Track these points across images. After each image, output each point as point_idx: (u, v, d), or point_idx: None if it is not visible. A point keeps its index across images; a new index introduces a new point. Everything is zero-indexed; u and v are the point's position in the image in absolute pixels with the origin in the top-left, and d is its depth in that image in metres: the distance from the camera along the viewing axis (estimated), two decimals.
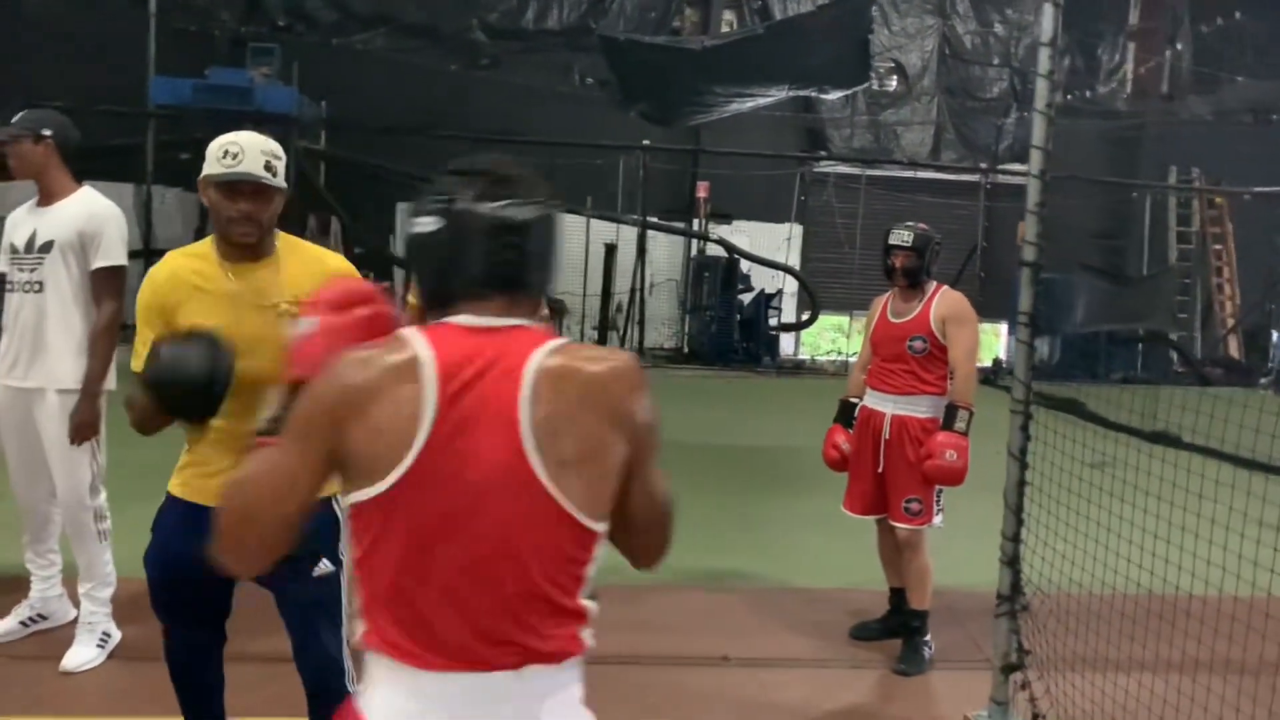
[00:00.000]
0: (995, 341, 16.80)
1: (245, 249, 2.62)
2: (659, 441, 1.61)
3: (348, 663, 2.67)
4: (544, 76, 15.54)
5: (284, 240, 2.72)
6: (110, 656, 3.84)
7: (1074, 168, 15.67)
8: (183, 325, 2.56)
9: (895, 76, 17.98)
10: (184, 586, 2.63)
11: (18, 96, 12.19)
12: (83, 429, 3.69)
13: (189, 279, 2.63)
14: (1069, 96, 16.61)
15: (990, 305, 13.26)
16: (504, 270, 1.55)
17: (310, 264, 2.68)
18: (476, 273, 1.54)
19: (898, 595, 4.42)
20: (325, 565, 2.63)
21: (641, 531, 1.63)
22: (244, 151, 2.56)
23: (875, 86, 17.67)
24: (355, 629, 1.54)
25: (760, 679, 4.05)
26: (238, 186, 2.55)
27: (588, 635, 1.54)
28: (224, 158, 2.55)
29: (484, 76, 15.63)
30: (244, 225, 2.58)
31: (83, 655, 3.77)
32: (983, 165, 17.10)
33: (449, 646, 1.46)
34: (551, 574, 1.49)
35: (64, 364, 3.71)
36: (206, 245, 2.70)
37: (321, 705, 2.64)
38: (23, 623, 4.00)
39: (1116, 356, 16.14)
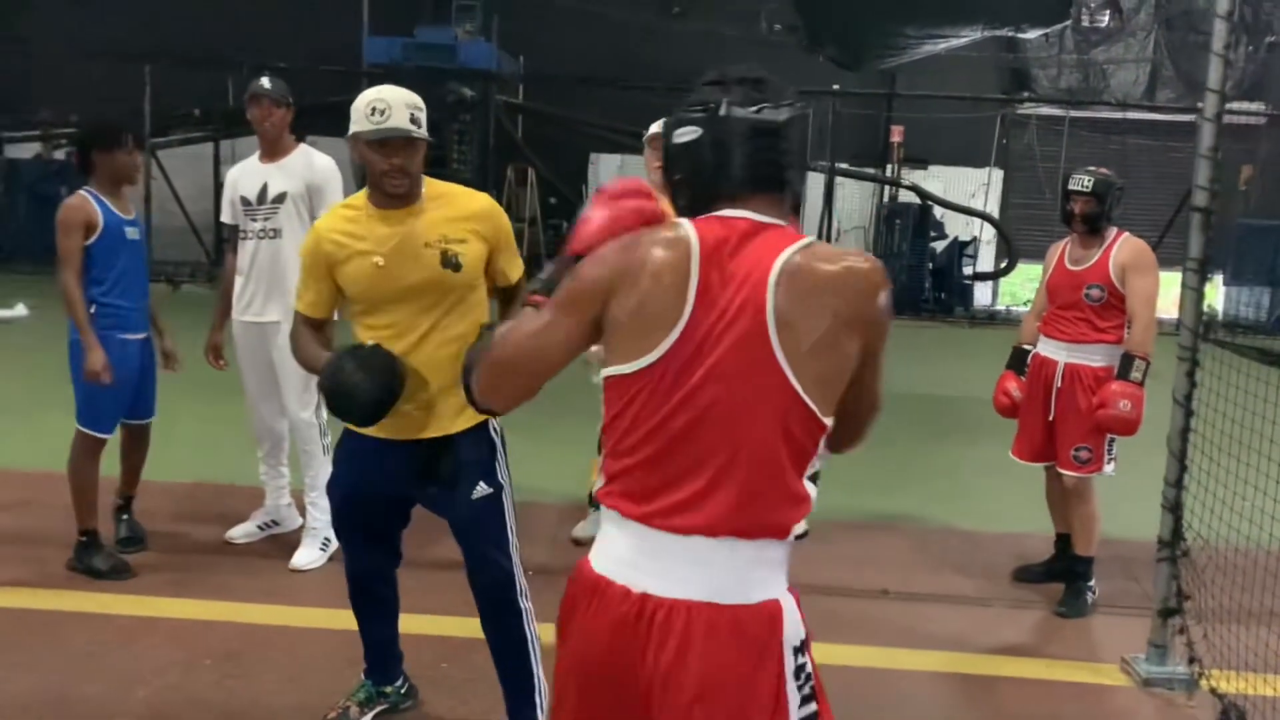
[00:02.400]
0: (1213, 293, 15.80)
1: (398, 198, 2.75)
2: (886, 343, 1.68)
3: (518, 576, 2.87)
4: (733, 23, 15.56)
5: (430, 185, 2.84)
6: (330, 559, 4.37)
7: None
8: (350, 285, 2.78)
9: (1108, 10, 16.96)
10: (362, 509, 2.92)
11: (248, 58, 13.33)
12: None
13: (348, 229, 2.79)
14: None
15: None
16: (764, 170, 1.68)
17: (456, 205, 2.82)
18: (738, 174, 1.67)
19: (1063, 541, 4.44)
20: (483, 488, 2.83)
21: (849, 419, 1.71)
22: (391, 108, 2.67)
23: (1086, 22, 16.76)
24: (596, 486, 1.72)
25: (919, 612, 4.19)
26: (389, 142, 2.67)
27: (804, 519, 1.66)
28: (372, 115, 2.66)
29: (674, 26, 15.80)
30: (397, 177, 2.71)
31: (308, 556, 4.32)
32: (1200, 105, 15.96)
33: (673, 510, 1.59)
34: (782, 455, 1.60)
35: None
36: (361, 198, 2.84)
37: (491, 618, 2.90)
38: (259, 526, 4.61)
39: None
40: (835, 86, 14.84)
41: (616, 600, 1.61)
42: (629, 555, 1.63)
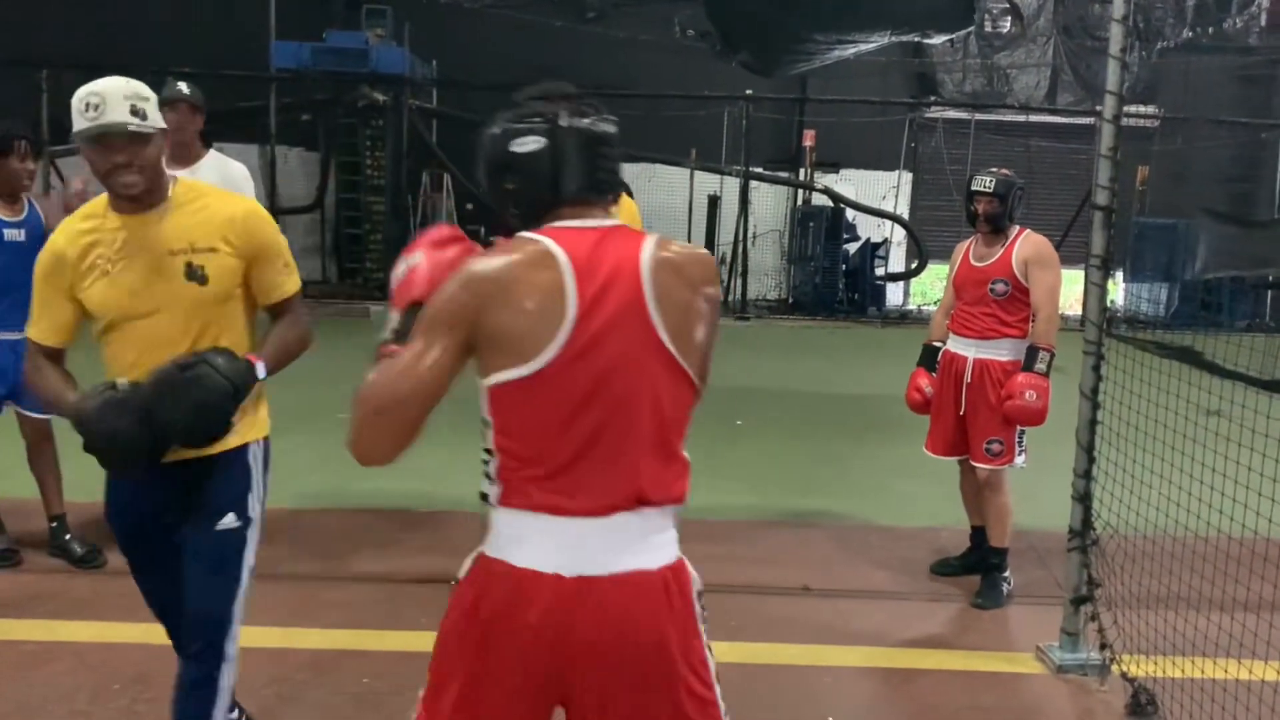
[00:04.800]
0: (1113, 289, 16.35)
1: (135, 200, 2.43)
2: None
3: (235, 624, 2.57)
4: (646, 29, 15.63)
5: (185, 187, 2.53)
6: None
7: (1199, 108, 15.09)
8: (93, 302, 2.44)
9: (1009, 17, 17.45)
10: (144, 542, 2.63)
11: (148, 64, 12.96)
12: None
13: (86, 240, 2.46)
14: (1193, 32, 15.91)
15: None
16: (603, 177, 1.81)
17: (209, 210, 2.50)
18: (582, 182, 1.78)
19: (978, 534, 4.55)
20: (231, 520, 2.54)
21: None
22: (105, 101, 2.34)
23: (988, 28, 17.22)
24: (491, 492, 1.77)
25: (839, 608, 4.25)
26: (106, 138, 2.36)
27: (687, 484, 1.81)
28: (86, 111, 2.34)
29: (588, 31, 15.81)
30: (125, 175, 2.38)
31: None
32: (1099, 107, 16.53)
33: (586, 497, 1.71)
34: (671, 427, 1.76)
35: None
36: (101, 203, 2.50)
37: (195, 656, 2.56)
38: None
39: (1241, 303, 15.56)
40: (749, 91, 14.99)
41: (551, 590, 1.70)
42: (544, 543, 1.71)
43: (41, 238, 4.16)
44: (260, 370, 2.48)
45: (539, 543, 1.72)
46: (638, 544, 1.74)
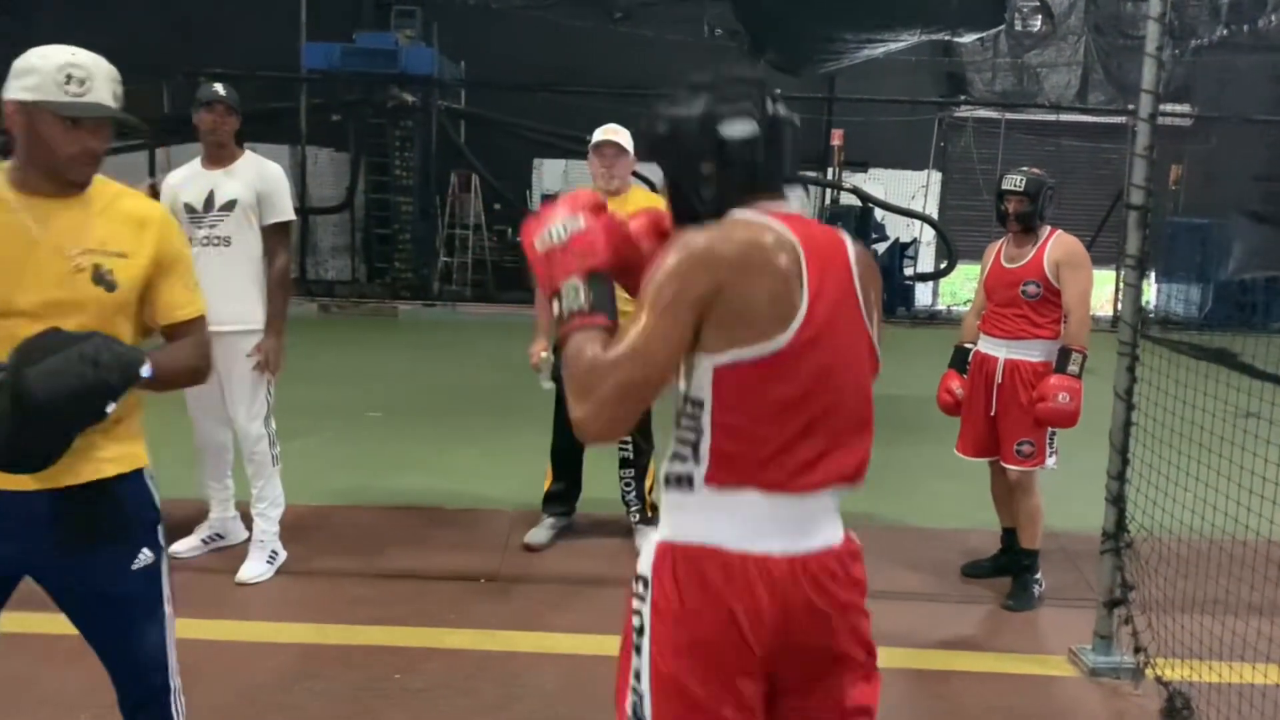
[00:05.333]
0: (1146, 290, 16.18)
1: (65, 186, 2.08)
2: None
3: (171, 657, 2.33)
4: (674, 29, 15.62)
5: (98, 181, 2.16)
6: (277, 572, 4.31)
7: (1233, 106, 14.91)
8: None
9: (1040, 16, 17.32)
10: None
11: (182, 65, 13.10)
12: (273, 359, 4.20)
13: None
14: (1227, 30, 15.71)
15: None
16: (795, 166, 1.81)
17: (122, 209, 2.15)
18: (783, 169, 1.80)
19: (1009, 535, 4.52)
20: (146, 555, 2.21)
21: None
22: (92, 78, 2.02)
23: (1019, 27, 17.10)
24: (695, 472, 1.71)
25: (871, 608, 4.22)
26: (85, 120, 2.02)
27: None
28: (68, 84, 1.99)
29: (616, 31, 15.82)
30: (87, 164, 2.07)
31: (254, 569, 4.25)
32: (1131, 106, 16.38)
33: (806, 475, 1.73)
34: (869, 407, 1.84)
35: (251, 308, 4.18)
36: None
37: (143, 706, 2.34)
38: (203, 540, 4.51)
39: (1277, 304, 15.36)
40: (777, 90, 14.90)
41: (769, 573, 1.71)
42: (760, 525, 1.71)
43: None
44: (147, 369, 2.01)
45: (757, 522, 1.71)
46: (832, 518, 1.80)
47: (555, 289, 1.73)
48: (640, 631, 1.76)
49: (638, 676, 1.75)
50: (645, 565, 1.78)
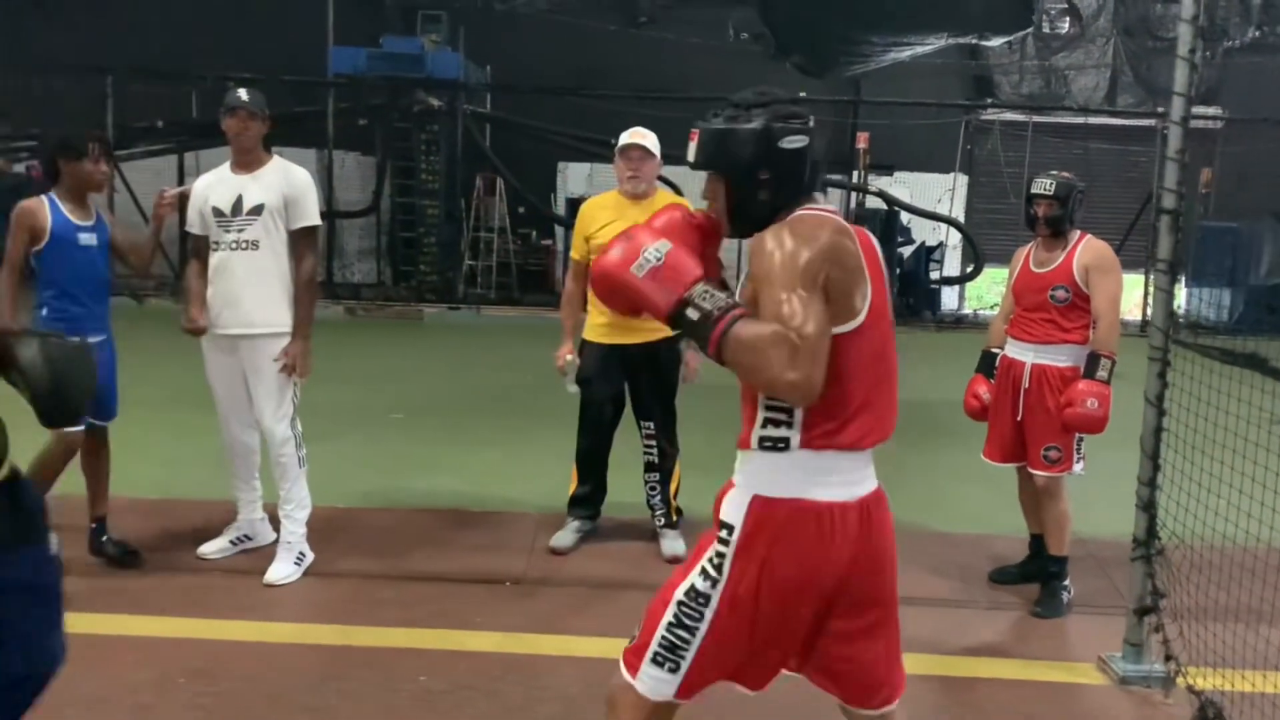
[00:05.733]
0: (1177, 294, 15.99)
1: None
2: None
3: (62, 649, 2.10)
4: (699, 32, 15.62)
5: None
6: (305, 573, 4.33)
7: (1264, 109, 14.73)
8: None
9: (1068, 18, 17.20)
10: None
11: (211, 71, 13.22)
12: (300, 364, 4.22)
13: None
14: (1259, 31, 15.54)
15: None
16: (829, 172, 2.33)
17: None
18: (822, 176, 2.18)
19: (1037, 541, 4.48)
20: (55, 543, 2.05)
21: None
22: None
23: (1046, 29, 16.98)
24: (792, 437, 2.06)
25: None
26: None
27: None
28: None
29: (640, 35, 15.84)
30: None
31: (282, 571, 4.27)
32: (1161, 109, 16.24)
33: (872, 434, 2.11)
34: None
35: (278, 311, 4.21)
36: None
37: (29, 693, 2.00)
38: (232, 541, 4.55)
39: None
40: (802, 94, 14.90)
41: (845, 517, 2.09)
42: (837, 478, 2.09)
43: (108, 245, 4.27)
44: None
45: (840, 476, 2.09)
46: (873, 468, 2.18)
47: (679, 299, 2.00)
48: (719, 567, 2.10)
49: (702, 599, 2.10)
50: (735, 514, 2.11)
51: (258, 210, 4.17)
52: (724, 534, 2.11)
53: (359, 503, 5.36)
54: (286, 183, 4.21)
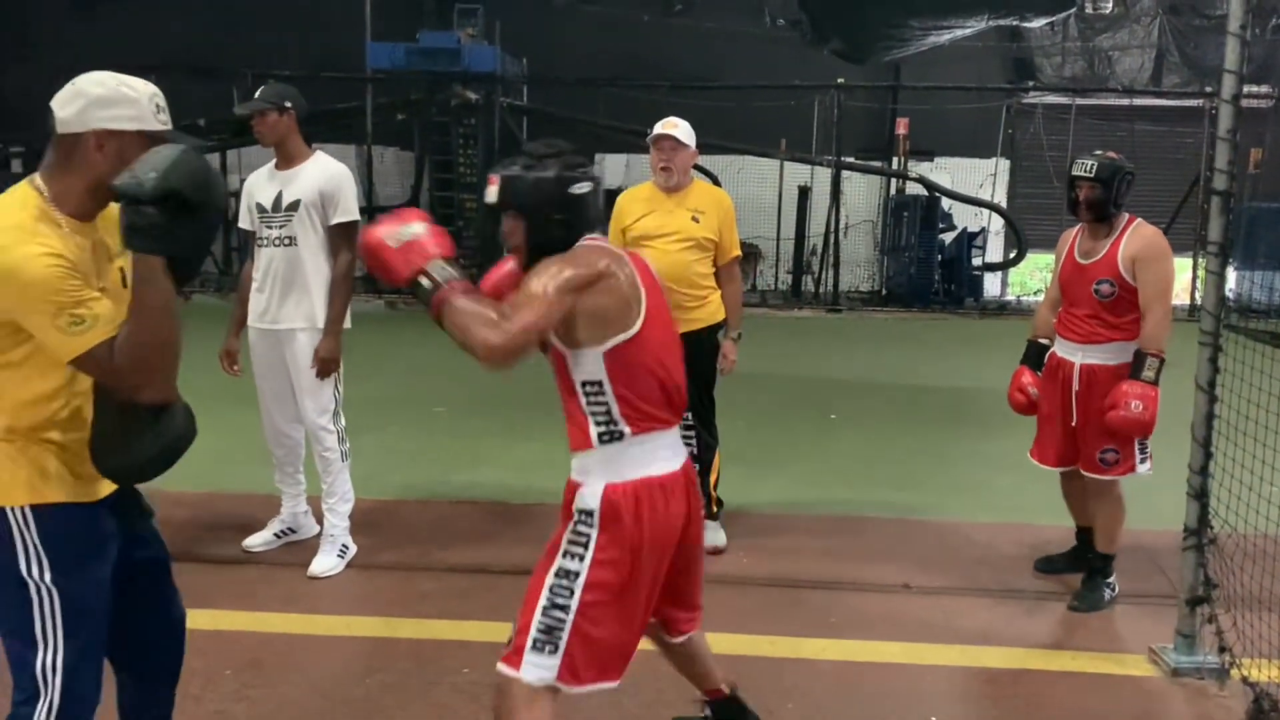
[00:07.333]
0: (1228, 278, 15.68)
1: (101, 204, 2.11)
2: None
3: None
4: (735, 20, 15.52)
5: None
6: (348, 566, 4.37)
7: None
8: None
9: None
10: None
11: (250, 68, 13.34)
12: (328, 363, 4.23)
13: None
14: None
15: None
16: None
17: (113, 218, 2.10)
18: (601, 212, 2.60)
19: (1084, 532, 4.39)
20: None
21: None
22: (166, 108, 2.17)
23: (1089, 10, 16.68)
24: (624, 430, 2.45)
25: (942, 605, 4.16)
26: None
27: None
28: (159, 113, 2.12)
29: (676, 24, 15.76)
30: None
31: (326, 563, 4.31)
32: (1209, 89, 15.89)
33: (671, 412, 2.53)
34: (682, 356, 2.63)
35: (316, 306, 4.23)
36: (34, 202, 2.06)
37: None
38: (276, 534, 4.60)
39: None
40: (840, 80, 14.78)
41: (678, 484, 2.53)
42: (665, 453, 2.52)
43: None
44: None
45: (667, 451, 2.52)
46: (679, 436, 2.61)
47: (418, 269, 2.35)
48: (585, 545, 2.44)
49: (572, 576, 2.43)
50: (592, 501, 2.46)
51: (295, 206, 4.20)
52: (584, 519, 2.47)
53: (402, 495, 5.39)
54: (324, 178, 4.23)
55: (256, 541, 4.55)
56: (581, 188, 2.49)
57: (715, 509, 4.76)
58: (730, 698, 3.00)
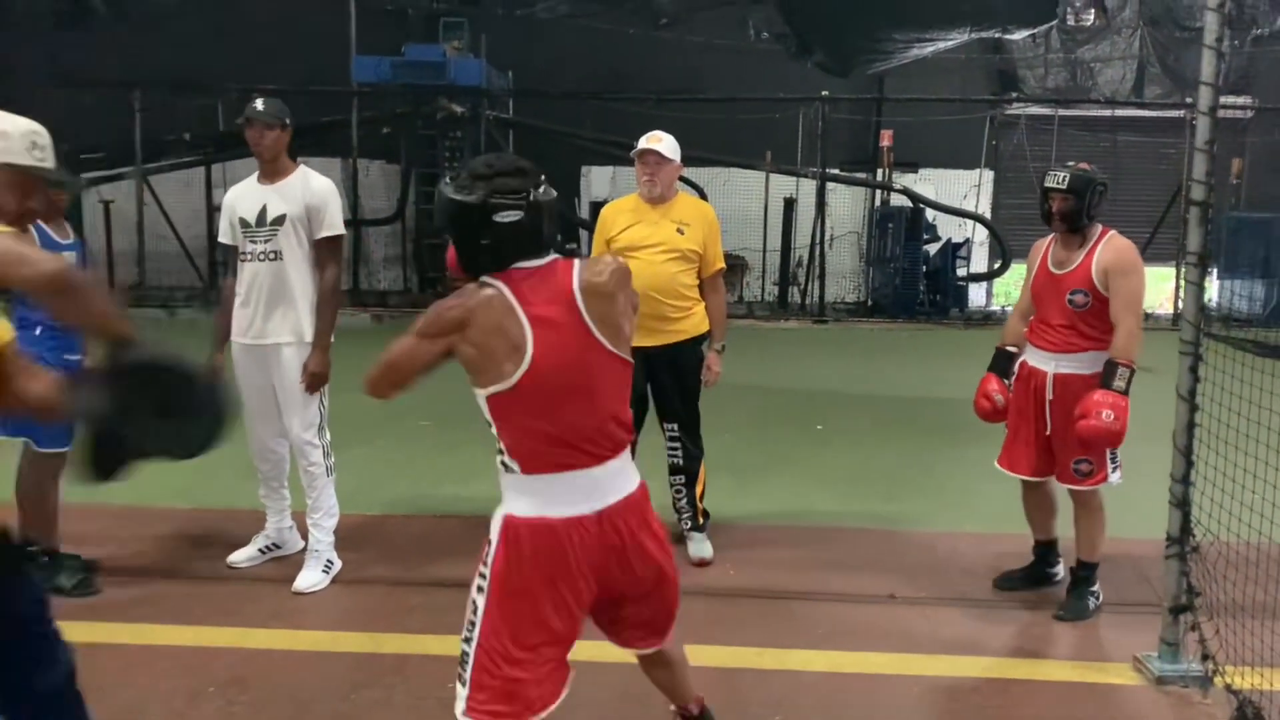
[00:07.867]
0: (1208, 287, 15.78)
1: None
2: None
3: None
4: (720, 33, 15.59)
5: None
6: (333, 581, 4.35)
7: None
8: None
9: (1092, 9, 17.02)
10: None
11: (235, 82, 13.32)
12: (317, 377, 4.21)
13: None
14: None
15: None
16: (554, 235, 2.47)
17: None
18: (544, 239, 2.43)
19: (1042, 546, 4.41)
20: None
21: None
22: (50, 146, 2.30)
23: (1070, 22, 16.82)
24: (508, 465, 2.41)
25: (929, 616, 4.17)
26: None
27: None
28: (34, 149, 2.31)
29: (662, 37, 15.82)
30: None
31: (310, 579, 4.29)
32: (1189, 100, 16.03)
33: (576, 456, 2.39)
34: (617, 396, 2.48)
35: (302, 321, 4.22)
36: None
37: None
38: (261, 550, 4.58)
39: None
40: (824, 92, 14.85)
41: (586, 529, 2.41)
42: (569, 495, 2.41)
43: (84, 263, 4.30)
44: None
45: (575, 495, 2.41)
46: (615, 479, 2.47)
47: None
48: (485, 576, 2.43)
49: (473, 608, 2.43)
50: (494, 530, 2.46)
51: (280, 221, 4.19)
52: (487, 546, 2.45)
53: (387, 510, 5.38)
54: (309, 192, 4.23)
55: (241, 557, 4.53)
56: (507, 216, 2.35)
57: (701, 520, 4.77)
58: (699, 717, 2.95)
